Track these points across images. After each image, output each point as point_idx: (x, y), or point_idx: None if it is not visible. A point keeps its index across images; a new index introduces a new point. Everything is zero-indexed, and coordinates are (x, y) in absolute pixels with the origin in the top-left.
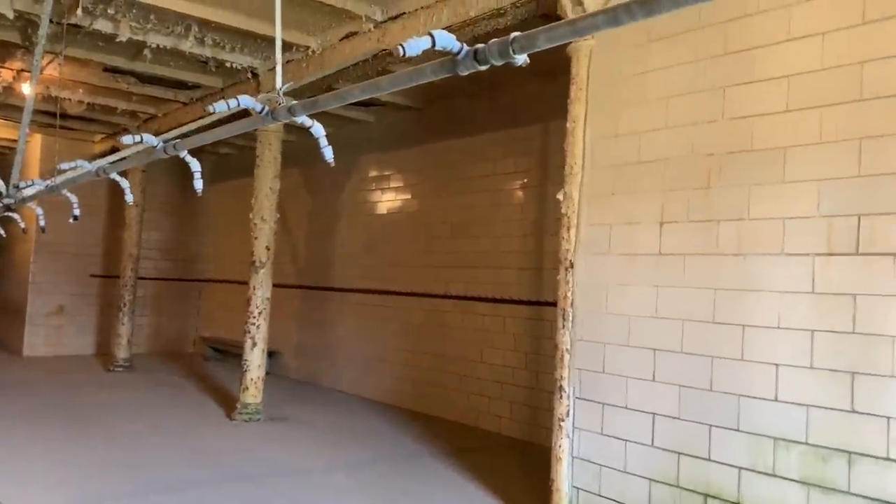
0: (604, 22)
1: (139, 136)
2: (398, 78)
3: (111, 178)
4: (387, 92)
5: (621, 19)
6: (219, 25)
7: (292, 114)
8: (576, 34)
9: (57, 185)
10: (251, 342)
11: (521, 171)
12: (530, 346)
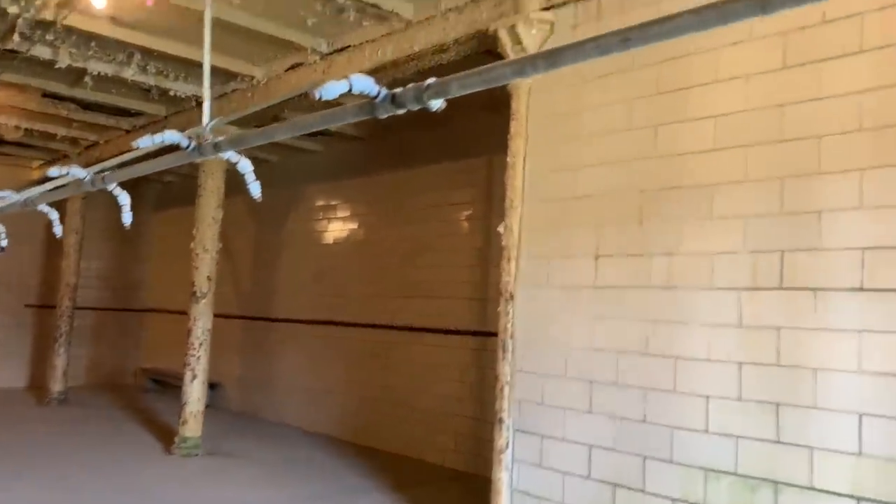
0: (511, 72)
1: (66, 169)
2: (320, 118)
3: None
4: (309, 131)
5: (526, 70)
6: (162, 54)
7: (218, 150)
8: (485, 83)
9: None
10: (191, 374)
11: (467, 203)
12: (475, 377)
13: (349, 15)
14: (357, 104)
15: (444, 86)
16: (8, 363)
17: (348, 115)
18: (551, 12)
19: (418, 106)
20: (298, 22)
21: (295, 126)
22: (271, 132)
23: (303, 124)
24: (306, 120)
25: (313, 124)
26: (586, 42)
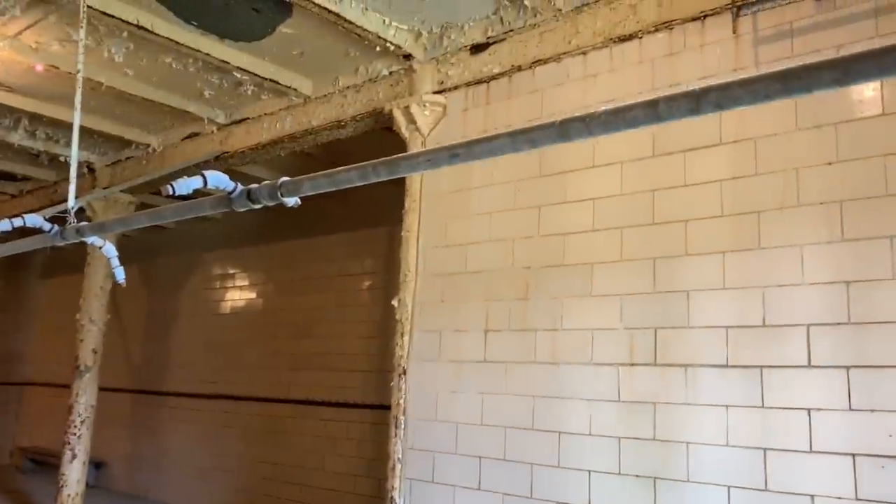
0: (357, 177)
1: None
2: (180, 209)
3: None
4: (170, 220)
5: (369, 176)
6: (51, 119)
7: (81, 235)
8: (334, 185)
9: None
10: (70, 454)
11: (367, 273)
12: (373, 453)
13: (247, 89)
14: (215, 197)
15: (297, 185)
16: None
17: (206, 207)
18: (443, 95)
19: (273, 202)
20: (195, 93)
21: (154, 216)
22: (131, 220)
23: (161, 214)
24: (165, 211)
25: (172, 215)
26: (420, 154)
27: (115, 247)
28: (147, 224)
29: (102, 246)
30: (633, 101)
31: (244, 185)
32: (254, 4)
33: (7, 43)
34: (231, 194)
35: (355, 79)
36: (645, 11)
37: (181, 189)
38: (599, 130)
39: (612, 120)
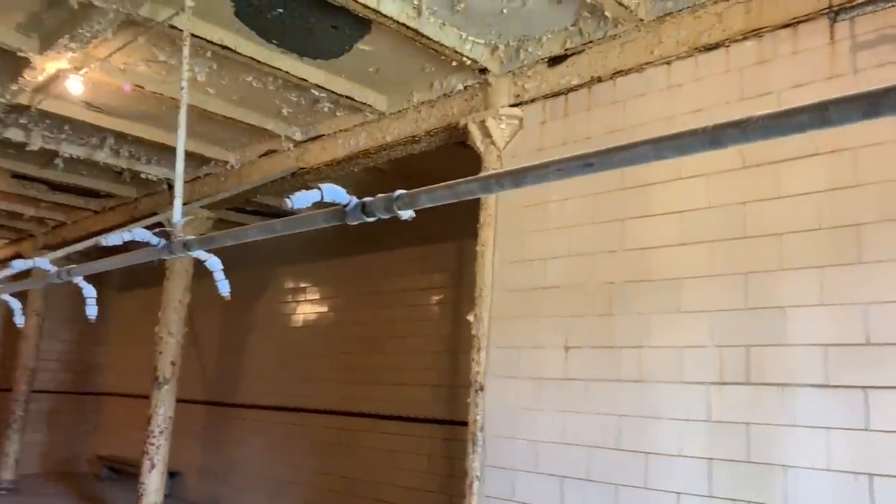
0: (479, 188)
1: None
2: (292, 222)
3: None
4: (282, 233)
5: (492, 188)
6: (135, 138)
7: (188, 249)
8: (454, 197)
9: None
10: (150, 464)
11: (436, 288)
12: (445, 469)
13: (323, 106)
14: (328, 211)
15: (414, 197)
16: None
17: (319, 221)
18: (520, 108)
19: (388, 215)
20: (274, 111)
21: (266, 229)
22: (242, 234)
23: (274, 229)
24: (277, 225)
25: (283, 228)
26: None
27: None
28: (256, 238)
29: (207, 260)
30: (798, 105)
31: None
32: (333, 22)
33: (98, 65)
34: (346, 207)
35: (430, 94)
36: (732, 19)
37: (300, 203)
38: (757, 136)
39: (773, 125)
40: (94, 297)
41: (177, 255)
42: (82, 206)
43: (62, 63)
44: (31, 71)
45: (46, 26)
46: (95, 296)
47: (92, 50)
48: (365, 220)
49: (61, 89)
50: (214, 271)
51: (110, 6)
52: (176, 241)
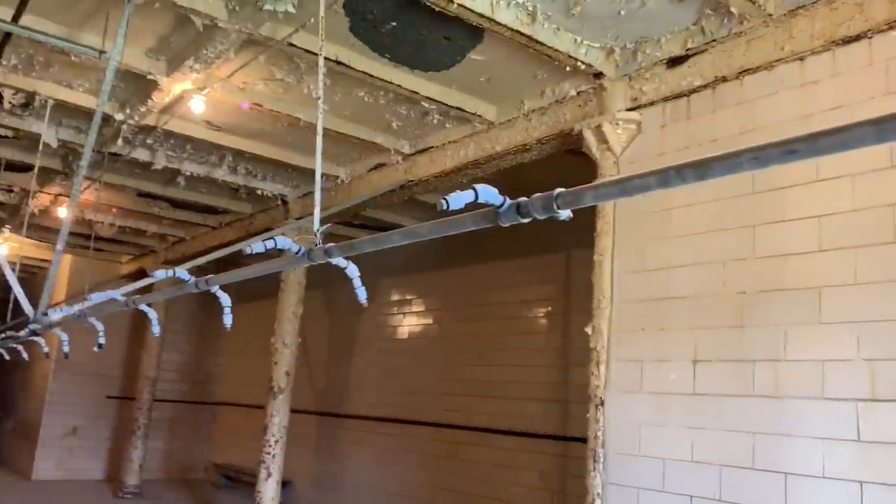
0: (655, 183)
1: (171, 271)
2: (438, 227)
3: (140, 308)
4: (425, 238)
5: (671, 181)
6: (252, 155)
7: (329, 255)
8: (624, 193)
9: (84, 311)
10: (266, 472)
11: (545, 300)
12: (558, 484)
13: (433, 118)
14: (480, 212)
15: (577, 195)
16: (88, 454)
17: (468, 223)
18: (638, 112)
19: (545, 215)
20: (384, 125)
21: (411, 234)
22: (384, 240)
23: (418, 233)
24: (422, 229)
25: (428, 232)
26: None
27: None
28: (399, 243)
29: (346, 267)
30: None
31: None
32: (445, 34)
33: (219, 85)
34: (499, 208)
35: (541, 101)
36: (875, 8)
37: (455, 204)
38: None
39: None
40: (230, 306)
41: (316, 262)
42: (200, 223)
43: (187, 84)
44: (158, 93)
45: (173, 49)
46: (230, 305)
47: (214, 70)
48: (520, 222)
49: (185, 110)
50: (353, 278)
51: (233, 27)
52: (316, 248)
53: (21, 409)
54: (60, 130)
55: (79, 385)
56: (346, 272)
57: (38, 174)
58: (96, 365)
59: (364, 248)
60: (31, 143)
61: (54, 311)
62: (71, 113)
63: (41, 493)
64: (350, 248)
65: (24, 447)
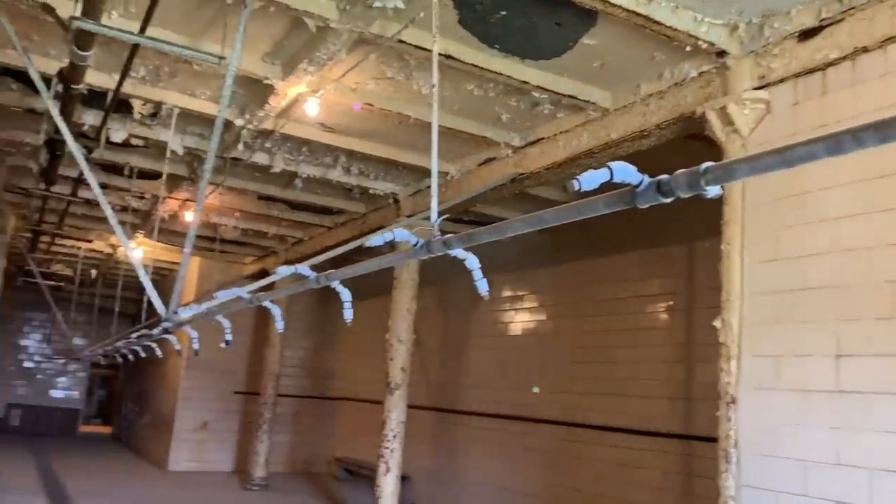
0: (824, 150)
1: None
2: (566, 212)
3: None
4: (551, 224)
5: (844, 146)
6: (364, 155)
7: (448, 247)
8: (784, 164)
9: (212, 309)
10: (385, 467)
11: (665, 294)
12: (682, 486)
13: (543, 108)
14: (615, 194)
15: (729, 169)
16: (217, 447)
17: (600, 206)
18: (766, 91)
19: (691, 193)
20: (493, 118)
21: (536, 221)
22: (506, 228)
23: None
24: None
25: (555, 219)
26: None
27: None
28: (521, 231)
29: (465, 259)
30: None
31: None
32: (557, 19)
33: (332, 87)
34: (636, 188)
35: (659, 85)
36: None
37: (588, 184)
38: None
39: None
40: (350, 301)
41: (435, 254)
42: (317, 223)
43: (301, 87)
44: (274, 97)
45: (287, 53)
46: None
47: (327, 72)
48: (660, 202)
49: (300, 113)
50: (473, 270)
51: (344, 26)
52: (435, 240)
53: (156, 404)
54: (185, 138)
55: (208, 381)
56: (465, 264)
57: (167, 180)
58: (224, 362)
59: (485, 238)
60: (159, 151)
61: (184, 309)
62: (194, 120)
63: (177, 483)
64: (470, 239)
65: (159, 440)
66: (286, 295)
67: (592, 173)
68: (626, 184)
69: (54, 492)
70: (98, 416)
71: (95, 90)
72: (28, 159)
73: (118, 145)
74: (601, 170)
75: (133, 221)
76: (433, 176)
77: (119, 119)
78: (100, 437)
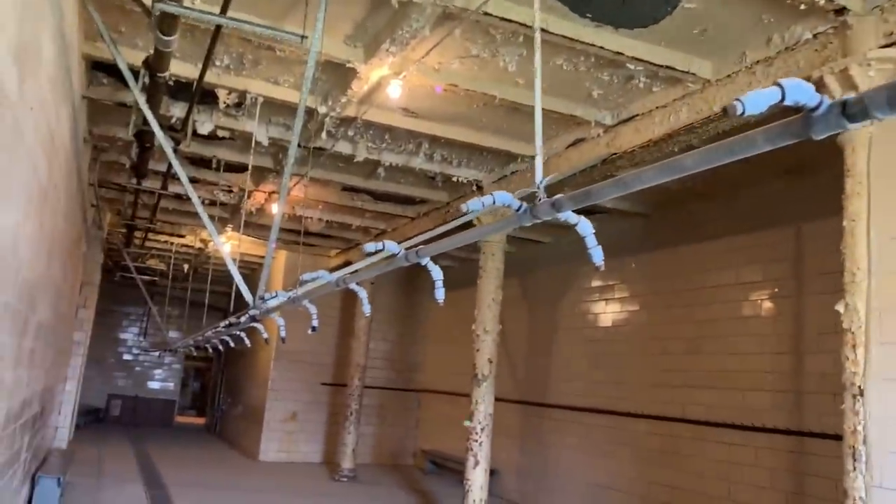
0: None
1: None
2: (712, 152)
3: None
4: (691, 172)
5: None
6: (448, 141)
7: (557, 209)
8: None
9: (299, 296)
10: (473, 460)
11: (770, 280)
12: (793, 485)
13: (638, 81)
14: (781, 123)
15: None
16: (306, 439)
17: (760, 141)
18: (894, 49)
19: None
20: (583, 95)
21: (673, 168)
22: (634, 180)
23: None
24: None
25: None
26: None
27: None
28: (654, 182)
29: (577, 223)
30: None
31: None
32: None
33: (415, 68)
34: (813, 112)
35: (767, 51)
36: None
37: (752, 106)
38: None
39: None
40: (441, 279)
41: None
42: (400, 214)
43: (384, 70)
44: (357, 81)
45: (369, 34)
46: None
47: (410, 52)
48: (841, 131)
49: (383, 98)
50: (586, 236)
51: (428, 0)
52: (541, 202)
53: (247, 395)
54: (270, 128)
55: (296, 373)
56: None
57: (252, 173)
58: (311, 353)
59: (603, 195)
60: (245, 142)
61: (270, 295)
62: (278, 110)
63: (268, 473)
64: (587, 197)
65: (250, 431)
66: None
67: (758, 93)
68: (799, 107)
69: (151, 480)
70: (192, 407)
71: (181, 81)
72: (120, 155)
73: (205, 137)
74: (769, 88)
75: (221, 215)
76: (537, 129)
77: (205, 110)
78: (194, 427)
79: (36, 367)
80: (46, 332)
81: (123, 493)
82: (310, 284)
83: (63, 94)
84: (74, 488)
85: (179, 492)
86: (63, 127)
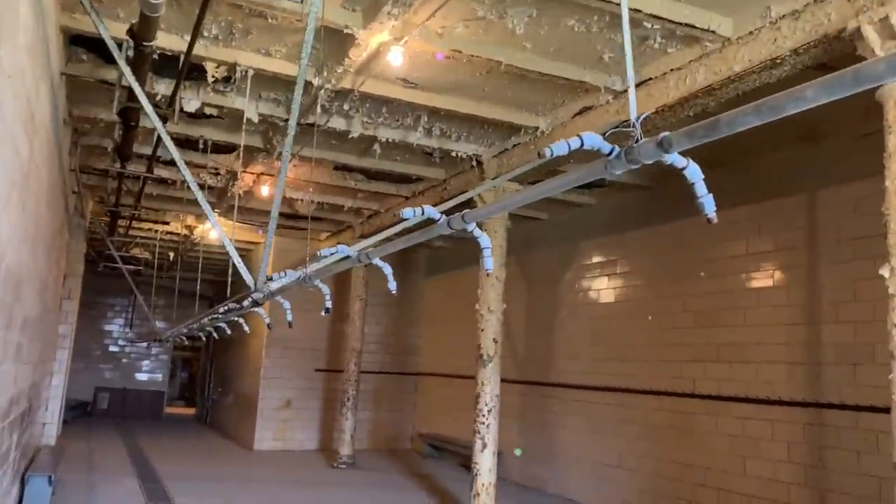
0: None
1: (420, 209)
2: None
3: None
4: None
5: None
6: (448, 113)
7: (664, 149)
8: None
9: (310, 274)
10: (481, 443)
11: (782, 250)
12: (811, 458)
13: (653, 42)
14: None
15: None
16: (302, 426)
17: None
18: None
19: None
20: (594, 59)
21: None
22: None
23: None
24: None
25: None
26: None
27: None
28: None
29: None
30: None
31: None
32: None
33: (417, 32)
34: None
35: (794, 3)
36: None
37: None
38: None
39: None
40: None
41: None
42: (394, 193)
43: (384, 35)
44: (355, 49)
45: None
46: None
47: (412, 16)
48: None
49: (381, 67)
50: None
51: None
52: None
53: (239, 384)
54: (260, 104)
55: (290, 359)
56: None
57: (241, 154)
58: (305, 339)
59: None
60: (233, 121)
61: (276, 276)
62: (269, 84)
63: (265, 462)
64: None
65: (244, 420)
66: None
67: None
68: None
69: (145, 473)
70: (181, 398)
71: (166, 55)
72: (102, 138)
73: (191, 116)
74: None
75: (209, 200)
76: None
77: (192, 87)
78: (184, 418)
79: (23, 362)
80: (33, 325)
81: (118, 488)
82: (326, 260)
83: (42, 68)
84: (66, 486)
85: (175, 484)
86: (43, 105)
